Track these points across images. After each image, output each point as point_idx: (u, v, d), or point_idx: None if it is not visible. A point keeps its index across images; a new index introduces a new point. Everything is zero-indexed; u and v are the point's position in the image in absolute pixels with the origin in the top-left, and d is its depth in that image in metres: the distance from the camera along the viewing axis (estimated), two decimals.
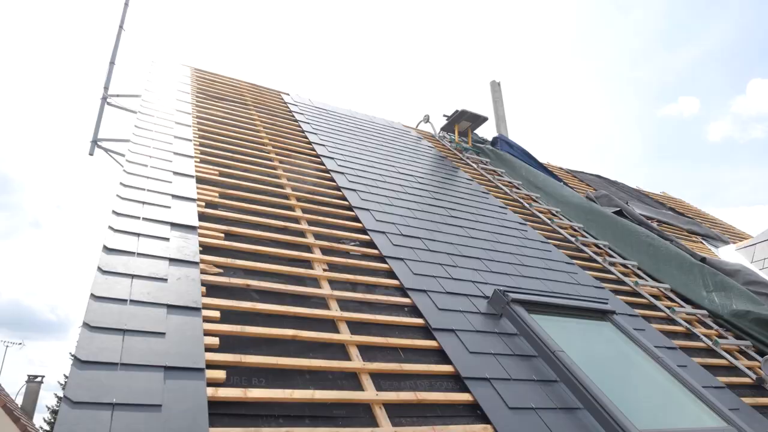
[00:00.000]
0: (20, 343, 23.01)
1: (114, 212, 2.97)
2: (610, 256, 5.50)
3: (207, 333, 2.36)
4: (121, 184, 3.31)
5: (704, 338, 4.29)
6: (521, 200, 6.43)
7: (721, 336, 4.47)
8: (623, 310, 4.22)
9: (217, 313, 2.50)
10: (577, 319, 3.69)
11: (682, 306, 4.84)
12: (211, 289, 2.71)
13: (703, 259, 5.64)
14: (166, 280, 2.58)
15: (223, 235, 3.26)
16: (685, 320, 4.54)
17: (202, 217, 3.37)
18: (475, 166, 7.40)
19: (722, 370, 3.94)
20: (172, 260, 2.74)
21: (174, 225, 3.09)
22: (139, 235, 2.86)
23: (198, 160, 4.21)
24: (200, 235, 3.12)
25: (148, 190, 3.35)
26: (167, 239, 2.92)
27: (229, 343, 2.39)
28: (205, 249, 3.05)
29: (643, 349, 3.50)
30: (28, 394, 18.27)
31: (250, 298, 2.77)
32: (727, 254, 7.54)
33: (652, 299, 4.74)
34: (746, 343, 4.43)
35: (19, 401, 17.85)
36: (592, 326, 3.69)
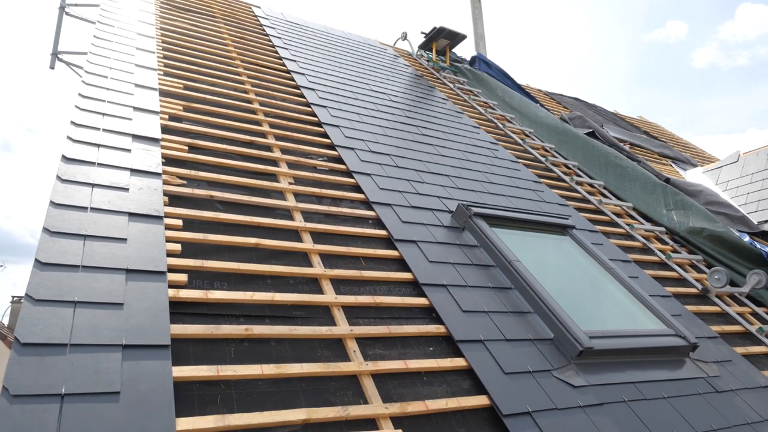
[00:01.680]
0: (1, 266, 23.13)
1: (72, 123, 2.92)
2: (578, 176, 5.61)
3: (169, 240, 2.41)
4: (79, 95, 3.23)
5: (659, 253, 4.49)
6: (495, 120, 6.43)
7: (675, 251, 4.69)
8: (584, 226, 4.37)
9: (179, 222, 2.55)
10: (537, 233, 3.84)
11: (642, 223, 5.02)
12: (174, 199, 2.75)
13: (667, 180, 5.80)
14: (127, 189, 2.59)
15: (186, 147, 3.24)
16: (643, 236, 4.73)
17: (165, 129, 3.34)
18: (451, 85, 7.30)
19: (672, 282, 4.17)
20: (133, 171, 2.75)
21: (136, 137, 3.06)
22: (99, 145, 2.83)
23: (161, 72, 4.09)
24: (163, 147, 3.11)
25: (109, 102, 3.28)
26: (129, 150, 2.91)
27: (191, 250, 2.46)
28: (168, 161, 3.05)
29: (598, 261, 3.67)
30: (14, 313, 18.60)
31: (213, 209, 2.81)
32: (694, 176, 7.73)
33: (614, 217, 4.90)
34: (698, 257, 4.66)
35: (5, 322, 18.20)
36: (551, 240, 3.84)
